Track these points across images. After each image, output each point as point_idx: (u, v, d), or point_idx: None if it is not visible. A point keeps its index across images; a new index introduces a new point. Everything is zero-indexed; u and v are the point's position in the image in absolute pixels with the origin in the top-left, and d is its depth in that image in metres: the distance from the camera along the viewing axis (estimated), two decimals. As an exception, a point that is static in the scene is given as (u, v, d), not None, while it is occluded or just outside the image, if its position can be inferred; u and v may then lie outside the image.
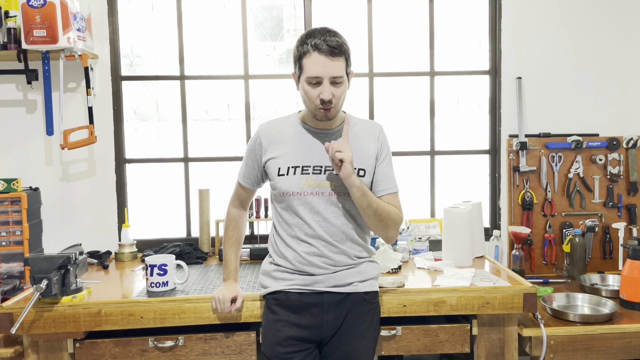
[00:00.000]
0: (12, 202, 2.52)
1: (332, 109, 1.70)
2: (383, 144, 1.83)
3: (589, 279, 2.60)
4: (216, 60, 2.90)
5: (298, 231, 1.76)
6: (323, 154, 1.74)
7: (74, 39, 2.45)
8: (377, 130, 1.85)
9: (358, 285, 1.78)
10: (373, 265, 1.86)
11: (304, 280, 1.76)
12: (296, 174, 1.75)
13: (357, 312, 1.77)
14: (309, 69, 1.66)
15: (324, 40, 1.65)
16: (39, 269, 1.86)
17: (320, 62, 1.65)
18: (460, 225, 2.41)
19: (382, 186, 1.80)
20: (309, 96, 1.70)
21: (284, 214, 1.79)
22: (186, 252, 2.57)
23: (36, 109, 2.72)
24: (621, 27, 2.89)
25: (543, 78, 2.87)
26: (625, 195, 2.87)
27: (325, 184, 1.74)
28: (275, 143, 1.80)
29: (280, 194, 1.77)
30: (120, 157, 2.81)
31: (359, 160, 1.76)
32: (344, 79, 1.70)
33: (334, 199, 1.75)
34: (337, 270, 1.76)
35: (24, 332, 1.92)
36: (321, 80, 1.66)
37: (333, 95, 1.68)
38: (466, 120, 3.00)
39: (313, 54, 1.65)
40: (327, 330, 1.75)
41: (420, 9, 2.93)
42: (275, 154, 1.78)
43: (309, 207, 1.74)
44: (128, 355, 1.98)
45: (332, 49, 1.65)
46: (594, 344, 2.10)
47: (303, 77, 1.70)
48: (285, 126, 1.82)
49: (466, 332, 2.07)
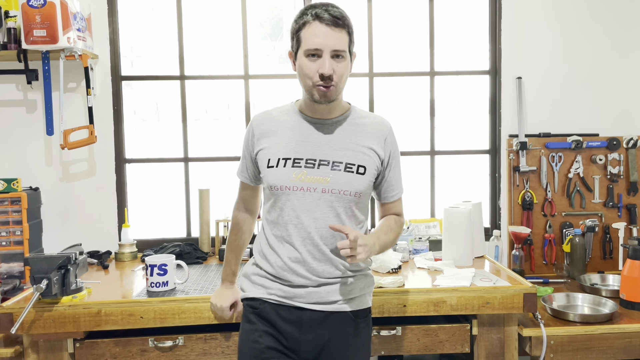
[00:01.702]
0: (12, 202, 2.52)
1: (333, 87, 1.53)
2: (392, 144, 1.67)
3: (589, 279, 2.60)
4: (216, 60, 2.90)
5: (283, 231, 1.60)
6: (318, 146, 1.59)
7: (74, 39, 2.45)
8: (385, 130, 1.67)
9: (343, 304, 1.60)
10: (365, 279, 1.68)
11: (283, 291, 1.60)
12: (286, 166, 1.58)
13: (344, 334, 1.60)
14: (309, 40, 1.51)
15: (325, 9, 1.52)
16: (39, 269, 1.86)
17: (321, 33, 1.50)
18: (460, 225, 2.41)
19: (392, 192, 1.70)
20: (307, 71, 1.53)
21: (272, 211, 1.63)
22: (186, 252, 2.57)
23: (36, 109, 2.72)
24: (621, 27, 2.88)
25: (543, 78, 2.87)
26: (625, 195, 2.87)
27: (318, 179, 1.56)
28: (268, 133, 1.64)
29: (268, 187, 1.61)
30: (120, 157, 2.81)
31: (362, 157, 1.60)
32: (346, 55, 1.54)
33: (327, 197, 1.57)
34: (320, 284, 1.58)
35: (24, 332, 1.92)
36: (321, 53, 1.51)
37: (334, 71, 1.51)
38: (466, 120, 3.00)
39: (313, 24, 1.51)
40: (307, 351, 1.58)
41: (420, 9, 2.93)
42: (266, 144, 1.63)
43: (297, 204, 1.57)
44: (128, 355, 1.98)
45: (335, 18, 1.51)
46: (594, 344, 2.10)
47: (301, 50, 1.54)
48: (280, 115, 1.67)
49: (466, 332, 2.07)
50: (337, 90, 1.57)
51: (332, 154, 1.59)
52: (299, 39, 1.56)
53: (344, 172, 1.58)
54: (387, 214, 1.74)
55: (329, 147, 1.60)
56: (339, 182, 1.57)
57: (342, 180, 1.58)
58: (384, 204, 1.73)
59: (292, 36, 1.59)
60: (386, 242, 1.64)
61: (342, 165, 1.59)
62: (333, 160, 1.59)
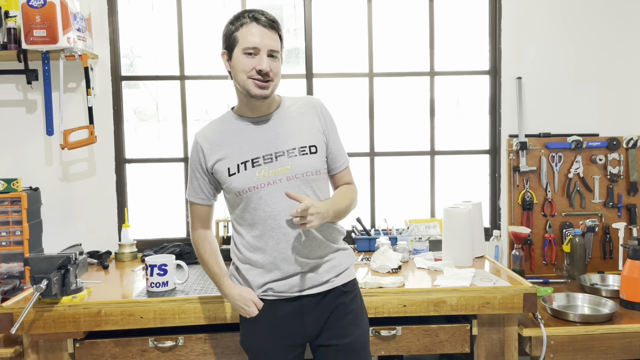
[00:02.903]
0: (12, 202, 2.52)
1: (270, 82, 1.62)
2: (327, 117, 1.75)
3: (589, 279, 2.60)
4: (216, 60, 2.89)
5: (263, 228, 1.65)
6: (269, 141, 1.67)
7: (74, 39, 2.45)
8: (317, 103, 1.76)
9: (334, 280, 1.71)
10: (347, 254, 1.78)
11: (278, 286, 1.67)
12: (247, 168, 1.65)
13: (340, 305, 1.71)
14: (246, 39, 1.61)
15: (261, 13, 1.63)
16: (39, 269, 1.86)
17: (258, 32, 1.61)
18: (460, 225, 2.41)
19: (338, 162, 1.77)
20: (244, 67, 1.62)
21: (244, 214, 1.68)
22: (186, 252, 2.57)
23: (36, 109, 2.72)
24: (621, 27, 2.88)
25: (543, 78, 2.87)
26: (625, 195, 2.87)
27: (280, 170, 1.65)
28: (217, 145, 1.70)
29: (236, 194, 1.66)
30: (120, 157, 2.81)
31: (309, 137, 1.69)
32: (279, 55, 1.65)
33: (294, 183, 1.65)
34: (311, 267, 1.67)
35: (24, 332, 1.92)
36: (258, 52, 1.61)
37: (270, 68, 1.61)
38: (466, 120, 3.00)
39: (251, 25, 1.61)
40: (311, 331, 1.70)
41: (420, 9, 2.93)
42: (220, 156, 1.68)
43: (269, 198, 1.64)
44: (128, 355, 1.98)
45: (270, 21, 1.63)
46: (594, 344, 2.10)
47: (238, 49, 1.63)
48: (222, 126, 1.73)
49: (466, 332, 2.07)
50: (274, 87, 1.66)
51: (283, 143, 1.68)
52: (234, 39, 1.64)
53: (299, 156, 1.67)
54: (339, 184, 1.82)
55: (278, 139, 1.68)
56: (299, 166, 1.66)
57: (302, 164, 1.67)
58: (333, 175, 1.80)
59: (227, 37, 1.67)
60: (340, 208, 1.71)
61: (296, 150, 1.68)
62: (286, 149, 1.67)
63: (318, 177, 1.70)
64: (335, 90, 2.91)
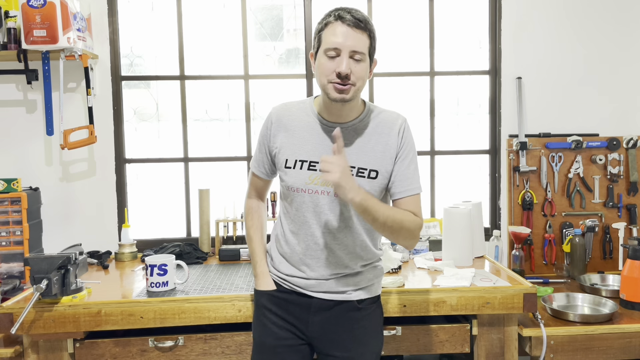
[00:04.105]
0: (12, 202, 2.52)
1: (350, 86, 1.53)
2: (405, 140, 1.65)
3: (589, 279, 2.60)
4: (216, 60, 2.90)
5: (299, 228, 1.66)
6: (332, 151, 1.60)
7: (74, 39, 2.45)
8: (398, 123, 1.66)
9: (352, 294, 1.68)
10: (374, 271, 1.74)
11: (296, 281, 1.69)
12: (303, 168, 1.62)
13: (349, 318, 1.68)
14: (329, 39, 1.52)
15: (348, 12, 1.53)
16: (39, 269, 1.86)
17: (341, 32, 1.51)
18: (460, 225, 2.41)
19: (400, 187, 1.63)
20: (323, 69, 1.53)
21: (290, 208, 1.69)
22: (186, 252, 2.57)
23: (36, 109, 2.72)
24: (621, 27, 2.88)
25: (543, 78, 2.87)
26: (625, 195, 2.87)
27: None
28: (286, 130, 1.66)
29: (286, 187, 1.67)
30: (120, 157, 2.81)
31: (374, 160, 1.62)
32: (365, 57, 1.55)
33: (338, 201, 1.62)
34: (330, 278, 1.67)
35: (24, 332, 1.92)
36: (340, 52, 1.51)
37: (352, 71, 1.51)
38: (466, 120, 3.00)
39: (335, 24, 1.53)
40: (313, 330, 1.69)
41: (420, 9, 2.93)
42: (284, 143, 1.66)
43: (311, 206, 1.63)
44: (128, 355, 1.98)
45: (357, 20, 1.51)
46: (594, 344, 2.10)
47: (321, 49, 1.55)
48: (299, 113, 1.67)
49: (466, 332, 2.07)
50: (355, 92, 1.56)
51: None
52: (320, 39, 1.57)
53: (356, 177, 1.61)
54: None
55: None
56: None
57: None
58: (395, 200, 1.66)
59: (314, 37, 1.62)
60: (379, 209, 1.52)
61: (354, 170, 1.61)
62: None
63: None
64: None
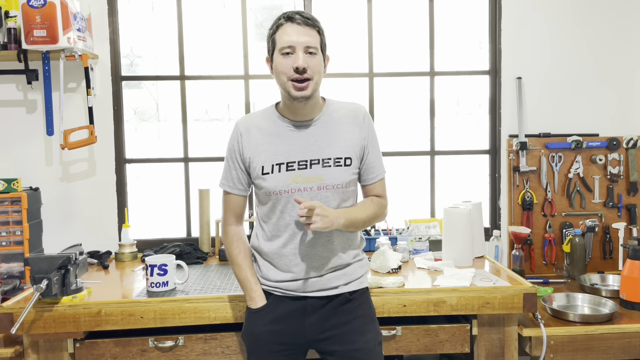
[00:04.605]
0: (12, 202, 2.52)
1: (309, 81, 1.60)
2: (369, 128, 1.74)
3: (589, 279, 2.60)
4: (216, 60, 2.90)
5: (284, 231, 1.69)
6: (306, 148, 1.67)
7: (74, 39, 2.45)
8: (360, 114, 1.74)
9: (343, 287, 1.73)
10: (361, 264, 1.79)
11: (287, 285, 1.71)
12: (281, 171, 1.66)
13: (344, 311, 1.72)
14: (282, 39, 1.60)
15: (297, 13, 1.62)
16: (39, 269, 1.86)
17: (293, 31, 1.59)
18: (460, 225, 2.41)
19: (372, 173, 1.76)
20: (281, 68, 1.60)
21: (271, 214, 1.70)
22: (186, 252, 2.57)
23: (36, 109, 2.72)
24: (621, 27, 2.88)
25: (543, 78, 2.87)
26: (625, 195, 2.87)
27: (312, 178, 1.66)
28: (256, 139, 1.70)
29: (266, 193, 1.68)
30: (120, 157, 2.81)
31: (346, 148, 1.69)
32: (319, 52, 1.62)
33: (323, 193, 1.67)
34: (322, 274, 1.70)
35: (24, 332, 1.92)
36: (294, 50, 1.59)
37: (308, 65, 1.58)
38: (466, 120, 3.00)
39: (286, 25, 1.60)
40: (311, 332, 1.71)
41: (420, 9, 2.93)
42: (256, 151, 1.69)
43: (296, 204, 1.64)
44: (128, 355, 1.98)
45: (305, 19, 1.61)
46: (594, 344, 2.10)
47: (276, 51, 1.62)
48: (264, 121, 1.72)
49: (466, 332, 2.07)
50: (314, 86, 1.62)
51: (319, 152, 1.68)
52: (274, 41, 1.64)
53: (334, 167, 1.68)
54: (369, 195, 1.81)
55: (315, 146, 1.69)
56: (331, 177, 1.68)
57: (334, 175, 1.68)
58: (365, 185, 1.79)
59: (267, 41, 1.68)
60: (356, 217, 1.69)
61: (331, 161, 1.68)
62: (322, 158, 1.68)
63: (348, 189, 1.71)
64: (335, 90, 2.90)
